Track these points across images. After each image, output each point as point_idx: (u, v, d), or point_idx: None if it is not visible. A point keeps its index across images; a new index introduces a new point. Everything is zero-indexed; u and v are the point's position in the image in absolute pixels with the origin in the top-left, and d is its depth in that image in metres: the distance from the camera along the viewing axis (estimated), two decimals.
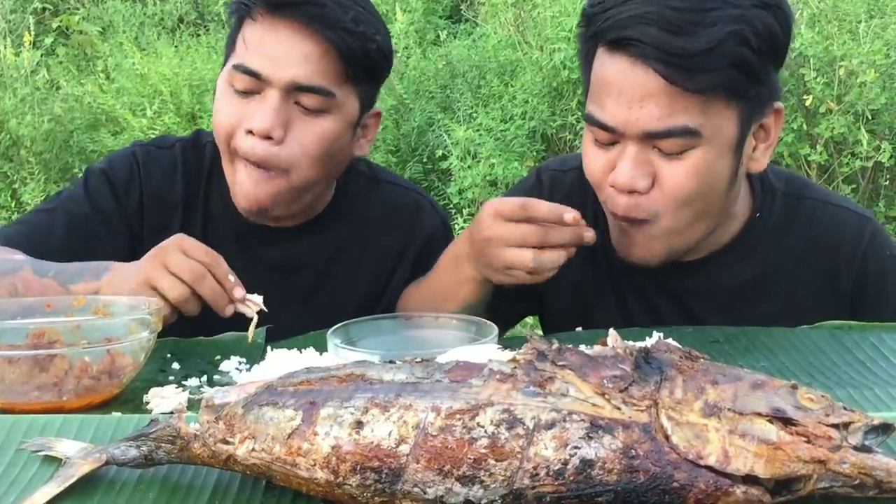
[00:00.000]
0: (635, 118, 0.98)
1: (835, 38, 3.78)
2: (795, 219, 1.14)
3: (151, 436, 0.66)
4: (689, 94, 0.96)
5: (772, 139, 1.05)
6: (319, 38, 1.12)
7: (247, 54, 1.14)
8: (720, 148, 1.00)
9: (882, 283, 1.13)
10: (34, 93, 4.60)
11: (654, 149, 0.99)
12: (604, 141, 1.03)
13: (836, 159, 3.93)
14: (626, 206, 1.01)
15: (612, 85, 0.99)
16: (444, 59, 4.51)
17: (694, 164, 0.99)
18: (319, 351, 0.95)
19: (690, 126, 0.97)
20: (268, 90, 1.13)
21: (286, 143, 1.13)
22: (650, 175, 1.00)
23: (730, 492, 0.58)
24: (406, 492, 0.59)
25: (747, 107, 1.00)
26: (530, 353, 0.64)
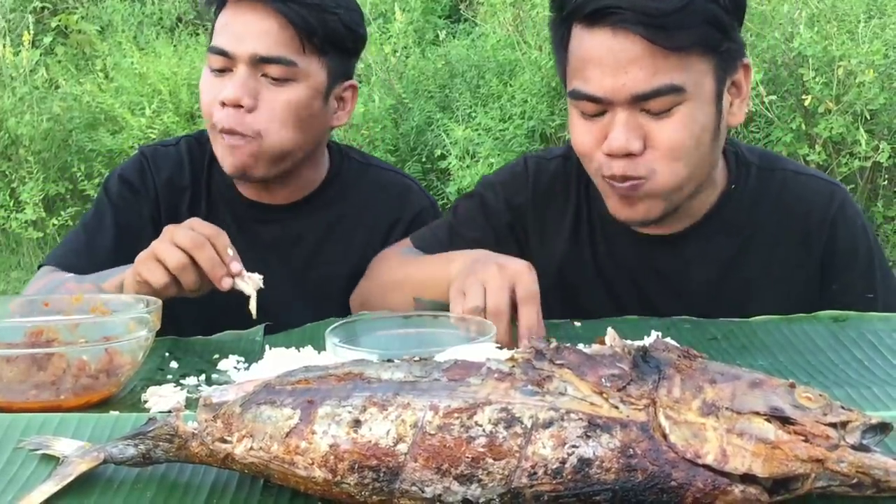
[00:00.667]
0: (622, 84, 1.02)
1: (834, 38, 3.78)
2: (769, 189, 1.18)
3: (149, 434, 0.66)
4: (669, 53, 1.01)
5: (744, 94, 1.11)
6: (276, 13, 1.23)
7: (217, 36, 1.26)
8: (702, 101, 1.05)
9: (851, 248, 1.17)
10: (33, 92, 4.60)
11: (642, 112, 1.04)
12: (592, 112, 1.07)
13: (834, 159, 3.94)
14: (624, 167, 1.05)
15: (595, 58, 1.04)
16: (442, 59, 4.51)
17: (681, 120, 1.04)
18: (318, 350, 0.95)
19: (676, 83, 1.02)
20: (237, 66, 1.24)
21: (257, 111, 1.23)
22: (642, 137, 1.04)
23: (728, 491, 0.58)
24: (404, 490, 0.59)
25: (721, 61, 1.06)
26: (528, 352, 0.64)
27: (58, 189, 4.54)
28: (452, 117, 4.16)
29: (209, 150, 1.37)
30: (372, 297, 1.24)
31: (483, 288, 0.96)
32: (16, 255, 4.65)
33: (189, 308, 1.24)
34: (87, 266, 1.22)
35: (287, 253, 1.36)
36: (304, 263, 1.36)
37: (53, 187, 4.53)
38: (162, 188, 1.37)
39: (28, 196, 4.36)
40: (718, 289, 1.16)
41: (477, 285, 0.96)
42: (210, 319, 1.15)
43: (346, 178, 1.40)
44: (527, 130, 3.98)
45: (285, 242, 1.36)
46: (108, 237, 1.33)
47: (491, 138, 3.92)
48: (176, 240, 1.04)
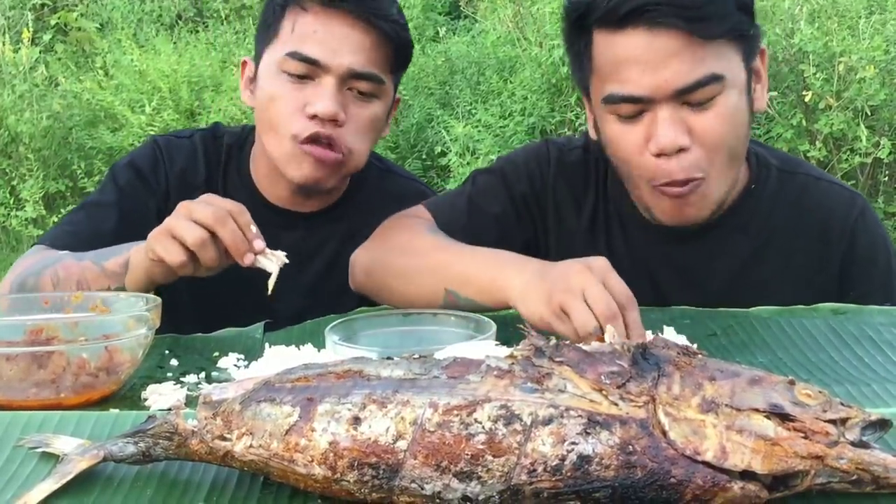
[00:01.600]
0: (664, 79, 1.02)
1: (834, 35, 3.78)
2: (789, 192, 1.18)
3: (149, 432, 0.66)
4: (706, 44, 1.01)
5: (763, 79, 1.12)
6: (373, 28, 1.20)
7: (302, 43, 1.20)
8: (738, 89, 1.06)
9: (871, 256, 1.17)
10: (33, 89, 4.60)
11: (683, 105, 1.03)
12: (630, 114, 1.05)
13: (835, 155, 3.93)
14: (682, 168, 1.04)
15: (631, 58, 1.02)
16: (443, 56, 4.51)
17: (722, 110, 1.04)
18: (317, 347, 0.95)
19: (716, 72, 1.03)
20: (324, 77, 1.20)
21: (346, 126, 1.21)
22: (687, 131, 1.04)
23: (727, 487, 0.58)
24: (403, 488, 0.59)
25: (747, 48, 1.07)
26: (528, 350, 0.64)
27: (58, 187, 4.55)
28: (453, 114, 4.16)
29: (225, 146, 1.34)
30: (388, 271, 1.14)
31: (584, 300, 0.88)
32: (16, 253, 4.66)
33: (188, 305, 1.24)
34: (83, 249, 1.16)
35: (306, 261, 1.32)
36: (321, 273, 1.33)
37: (53, 185, 4.53)
38: (174, 182, 1.32)
39: (28, 194, 4.36)
40: (734, 288, 1.15)
41: (577, 301, 0.88)
42: (210, 316, 1.15)
43: (367, 187, 1.37)
44: (527, 127, 3.98)
45: (305, 251, 1.31)
46: (111, 222, 1.27)
47: (491, 135, 3.92)
48: (195, 215, 1.00)
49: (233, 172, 1.34)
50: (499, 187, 1.25)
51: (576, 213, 1.23)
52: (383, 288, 1.16)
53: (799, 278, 1.16)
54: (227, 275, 1.27)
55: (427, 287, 1.08)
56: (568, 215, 1.24)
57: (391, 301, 1.15)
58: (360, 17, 1.19)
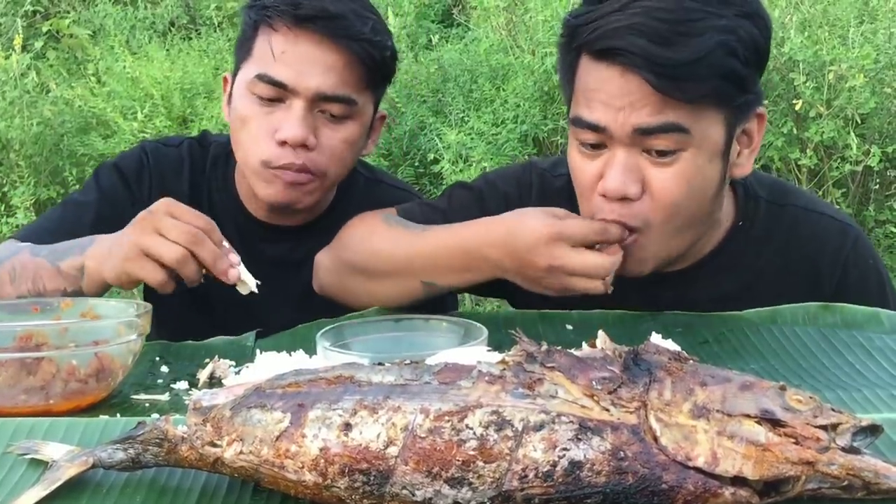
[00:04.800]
0: (626, 115, 0.97)
1: (824, 43, 3.80)
2: (778, 226, 1.14)
3: (138, 438, 0.66)
4: (678, 101, 0.97)
5: (755, 144, 1.06)
6: (343, 49, 1.16)
7: (270, 64, 1.17)
8: (708, 153, 1.00)
9: (863, 290, 1.13)
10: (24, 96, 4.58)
11: (643, 153, 0.99)
12: (592, 142, 1.01)
13: (826, 163, 3.95)
14: (619, 214, 1.00)
15: (601, 91, 0.99)
16: (435, 63, 4.52)
17: (683, 169, 0.99)
18: (309, 353, 0.95)
19: (682, 123, 0.97)
20: (293, 99, 1.17)
21: (317, 149, 1.18)
22: (640, 181, 0.99)
23: (718, 493, 0.58)
24: (394, 494, 0.59)
25: (734, 113, 1.01)
26: (519, 355, 0.64)
27: (49, 193, 4.52)
28: (445, 121, 4.17)
29: (211, 157, 1.32)
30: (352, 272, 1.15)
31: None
32: None
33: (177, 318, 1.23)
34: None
35: (293, 275, 1.29)
36: (308, 287, 1.28)
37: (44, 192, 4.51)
38: (157, 191, 1.28)
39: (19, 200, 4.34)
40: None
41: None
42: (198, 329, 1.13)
43: (354, 197, 1.34)
44: (520, 135, 3.99)
45: (291, 264, 1.30)
46: (87, 222, 1.23)
47: (484, 142, 3.92)
48: (168, 234, 0.98)
49: (217, 184, 1.31)
50: (473, 207, 1.20)
51: None
52: (350, 288, 1.16)
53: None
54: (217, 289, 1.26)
55: (402, 283, 1.10)
56: None
57: (359, 302, 1.14)
58: (329, 37, 1.15)
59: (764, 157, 4.04)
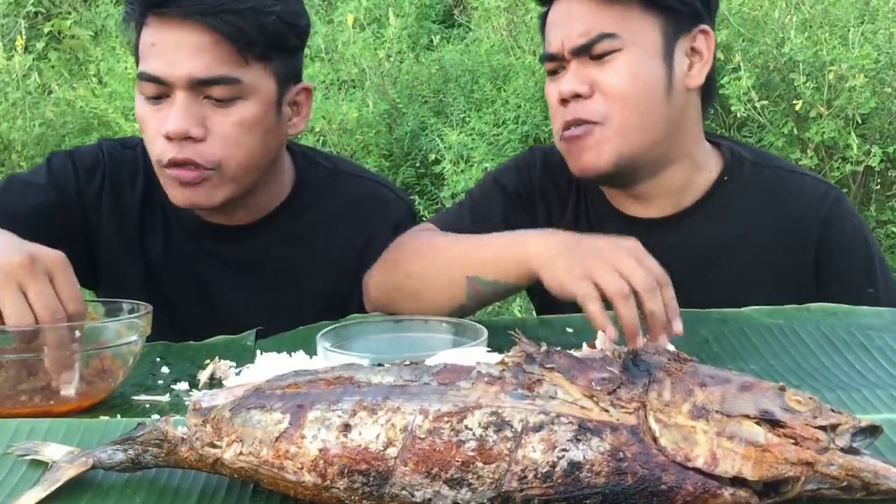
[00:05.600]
0: (567, 39, 1.15)
1: (825, 43, 3.80)
2: (762, 183, 1.22)
3: (138, 439, 0.66)
4: (607, 7, 1.13)
5: (706, 58, 1.18)
6: (207, 28, 1.09)
7: (146, 60, 1.13)
8: (646, 52, 1.14)
9: (847, 245, 1.19)
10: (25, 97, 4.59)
11: (589, 61, 1.14)
12: (553, 70, 1.19)
13: (826, 163, 3.95)
14: (576, 109, 1.14)
15: (554, 22, 1.18)
16: (436, 64, 4.52)
17: (624, 65, 1.13)
18: (309, 354, 0.95)
19: (609, 31, 1.13)
20: (174, 92, 1.11)
21: (209, 139, 1.12)
22: (588, 83, 1.14)
23: (717, 494, 0.58)
24: (394, 495, 0.59)
25: (669, 20, 1.15)
26: (518, 356, 0.64)
27: None
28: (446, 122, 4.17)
29: None
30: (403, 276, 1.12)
31: (615, 270, 0.91)
32: None
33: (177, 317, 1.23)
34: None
35: (254, 272, 1.26)
36: (273, 282, 1.26)
37: None
38: (108, 192, 1.24)
39: None
40: (709, 277, 1.18)
41: (608, 270, 0.91)
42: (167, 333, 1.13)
43: (313, 188, 1.29)
44: (521, 135, 3.99)
45: (250, 263, 1.26)
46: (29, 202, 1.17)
47: (485, 143, 3.93)
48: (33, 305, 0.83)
49: None
50: (494, 191, 1.28)
51: (560, 209, 1.28)
52: (397, 296, 1.12)
53: (775, 267, 1.19)
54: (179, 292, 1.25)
55: (446, 280, 1.07)
56: (553, 211, 1.28)
57: (407, 307, 1.10)
58: (191, 18, 1.09)
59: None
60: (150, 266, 1.26)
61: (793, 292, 1.14)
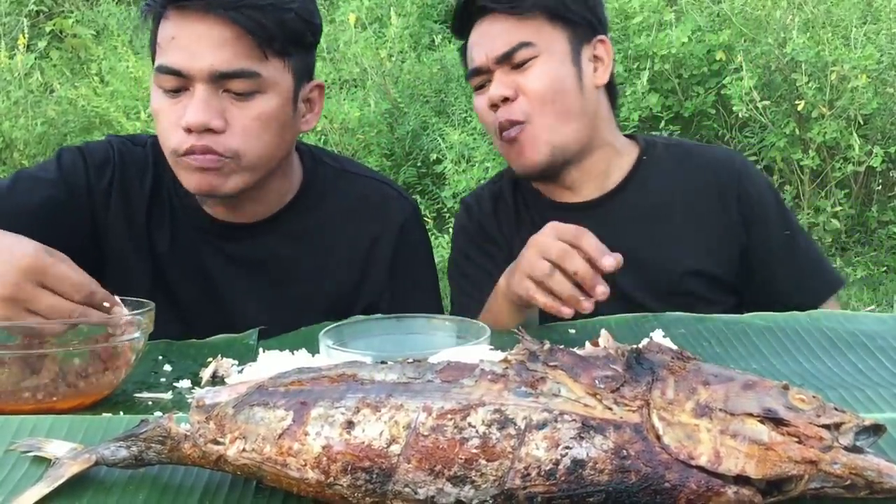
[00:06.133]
0: (490, 51, 1.31)
1: (827, 44, 3.80)
2: (677, 158, 1.41)
3: (141, 436, 0.66)
4: (523, 20, 1.30)
5: (606, 63, 1.38)
6: (229, 21, 1.11)
7: (165, 53, 1.14)
8: (557, 58, 1.31)
9: (762, 195, 1.37)
10: (27, 95, 4.59)
11: (511, 70, 1.31)
12: (479, 84, 1.35)
13: (828, 164, 3.95)
14: (504, 112, 1.31)
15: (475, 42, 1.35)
16: (438, 63, 4.52)
17: (541, 69, 1.30)
18: (312, 352, 0.95)
19: (525, 40, 1.30)
20: (194, 85, 1.12)
21: (228, 132, 1.13)
22: (513, 87, 1.31)
23: (721, 492, 0.58)
24: (397, 492, 0.59)
25: (573, 32, 1.33)
26: (522, 354, 0.64)
27: None
28: (448, 121, 4.17)
29: None
30: None
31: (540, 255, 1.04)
32: None
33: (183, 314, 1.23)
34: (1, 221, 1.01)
35: (259, 270, 1.26)
36: (278, 281, 1.26)
37: None
38: (118, 189, 1.24)
39: None
40: (649, 244, 1.33)
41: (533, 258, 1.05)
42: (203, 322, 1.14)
43: (320, 187, 1.30)
44: None
45: (255, 262, 1.27)
46: (38, 198, 1.17)
47: (486, 142, 3.92)
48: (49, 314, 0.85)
49: (178, 184, 1.22)
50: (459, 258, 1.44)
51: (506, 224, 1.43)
52: None
53: (704, 226, 1.35)
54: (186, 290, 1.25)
55: None
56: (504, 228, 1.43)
57: None
58: (213, 12, 1.10)
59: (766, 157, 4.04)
60: (157, 262, 1.26)
61: (724, 245, 1.33)
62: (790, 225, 1.38)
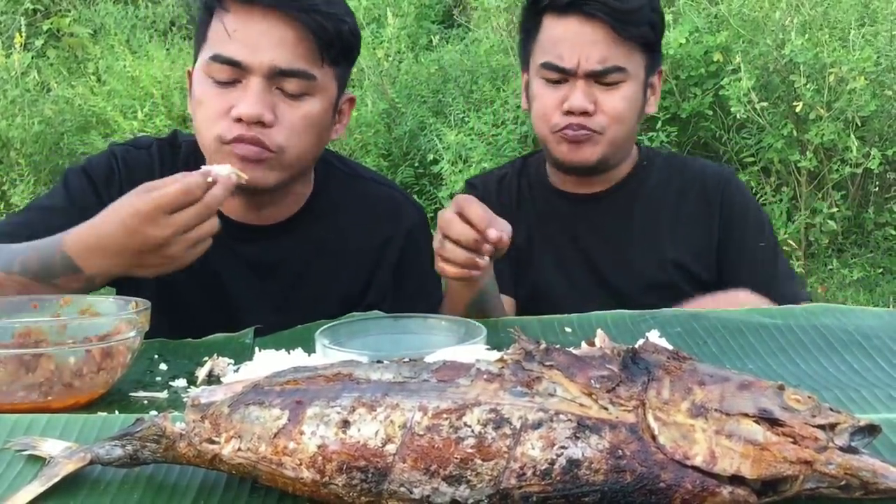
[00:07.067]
0: (585, 60, 1.36)
1: (825, 45, 3.80)
2: (674, 167, 1.53)
3: (136, 435, 0.66)
4: (621, 42, 1.36)
5: (657, 93, 1.48)
6: (295, 22, 1.14)
7: (224, 44, 1.15)
8: (637, 84, 1.41)
9: (743, 205, 1.49)
10: (24, 94, 4.59)
11: (595, 83, 1.38)
12: (555, 80, 1.39)
13: (825, 165, 3.95)
14: (581, 120, 1.38)
15: (566, 38, 1.37)
16: (436, 64, 4.52)
17: (625, 93, 1.39)
18: (308, 352, 0.95)
19: (620, 65, 1.37)
20: (249, 78, 1.14)
21: (276, 126, 1.15)
22: (594, 101, 1.38)
23: (716, 492, 0.58)
24: (392, 491, 0.59)
25: (649, 60, 1.42)
26: (518, 354, 0.64)
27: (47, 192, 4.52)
28: (445, 122, 4.17)
29: (182, 157, 1.28)
30: None
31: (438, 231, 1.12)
32: None
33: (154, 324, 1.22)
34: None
35: (271, 273, 1.28)
36: (290, 284, 1.28)
37: (44, 190, 4.51)
38: None
39: (19, 199, 4.34)
40: (642, 240, 1.46)
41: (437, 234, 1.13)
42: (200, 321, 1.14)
43: (332, 192, 1.32)
44: (519, 135, 3.99)
45: (267, 265, 1.28)
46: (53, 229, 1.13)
47: (484, 143, 3.93)
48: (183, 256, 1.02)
49: None
50: None
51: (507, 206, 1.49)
52: None
53: (690, 223, 1.47)
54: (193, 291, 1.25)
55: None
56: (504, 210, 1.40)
57: None
58: (280, 10, 1.13)
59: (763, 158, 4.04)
60: None
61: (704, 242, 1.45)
62: (767, 239, 1.48)
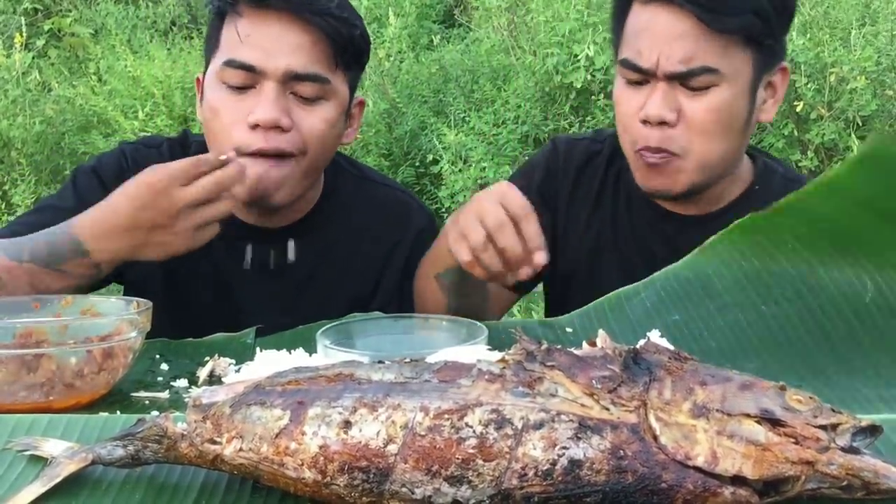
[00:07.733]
0: (665, 59, 1.11)
1: (826, 45, 3.80)
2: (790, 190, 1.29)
3: (138, 435, 0.66)
4: (713, 35, 1.09)
5: (779, 95, 1.20)
6: (310, 26, 1.14)
7: (237, 49, 1.14)
8: (738, 88, 1.13)
9: None
10: (25, 94, 4.59)
11: (680, 86, 1.13)
12: (635, 80, 1.16)
13: (826, 165, 3.95)
14: (659, 138, 1.14)
15: (647, 29, 1.13)
16: (437, 64, 4.52)
17: (716, 101, 1.12)
18: (309, 352, 0.95)
19: (710, 65, 1.11)
20: (264, 82, 1.14)
21: (292, 132, 1.15)
22: (676, 110, 1.13)
23: (718, 493, 0.58)
24: (394, 492, 0.59)
25: (760, 55, 1.14)
26: (519, 354, 0.64)
27: (49, 192, 4.52)
28: (446, 122, 4.17)
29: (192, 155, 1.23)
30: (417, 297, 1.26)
31: (479, 219, 0.97)
32: None
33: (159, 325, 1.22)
34: None
35: (278, 277, 1.28)
36: (298, 287, 1.28)
37: (45, 190, 4.51)
38: None
39: (20, 199, 4.34)
40: None
41: (471, 219, 0.98)
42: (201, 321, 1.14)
43: (341, 196, 1.31)
44: (520, 135, 3.99)
45: (277, 266, 1.28)
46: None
47: (484, 143, 3.93)
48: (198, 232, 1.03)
49: None
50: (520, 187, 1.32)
51: (584, 196, 1.31)
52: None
53: None
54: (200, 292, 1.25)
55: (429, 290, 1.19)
56: (578, 199, 1.32)
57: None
58: (294, 14, 1.13)
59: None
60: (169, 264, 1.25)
61: None
62: None
